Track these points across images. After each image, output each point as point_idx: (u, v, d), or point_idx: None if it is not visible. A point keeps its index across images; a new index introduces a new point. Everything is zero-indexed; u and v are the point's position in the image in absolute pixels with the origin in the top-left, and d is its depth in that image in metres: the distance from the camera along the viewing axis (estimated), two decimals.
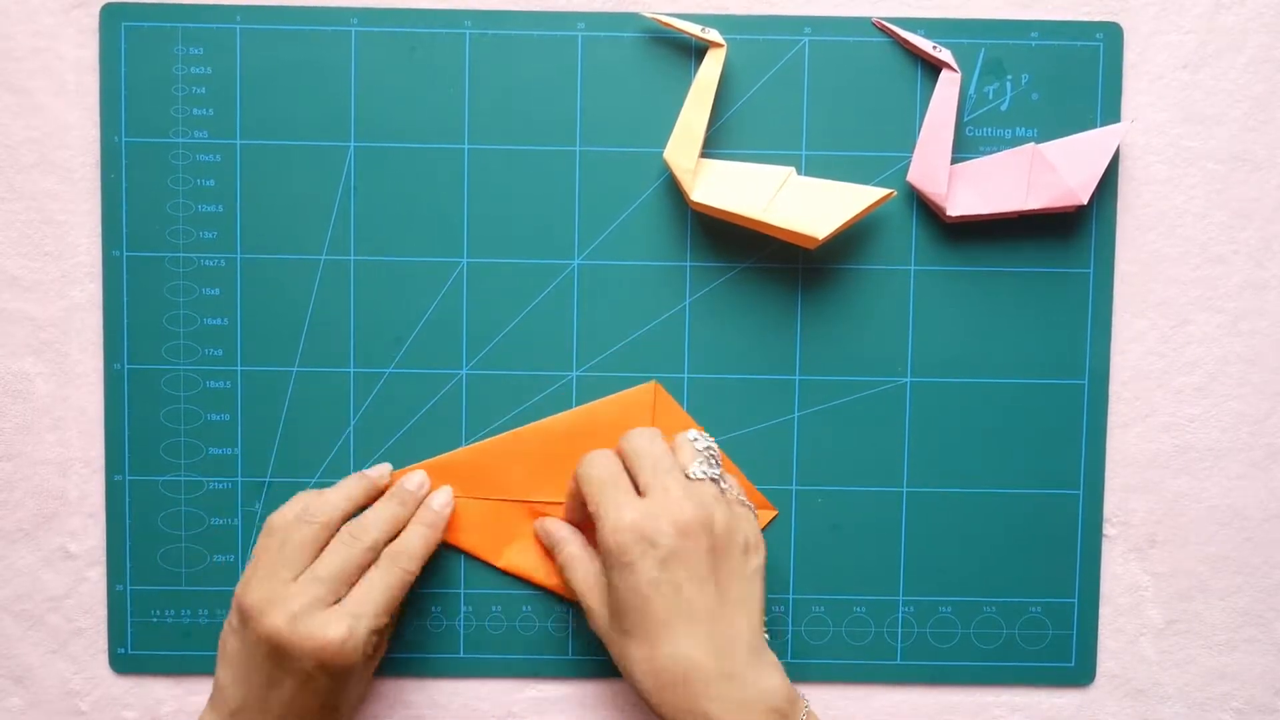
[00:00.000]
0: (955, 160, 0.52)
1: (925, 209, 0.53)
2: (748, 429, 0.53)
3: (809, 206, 0.50)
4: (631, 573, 0.45)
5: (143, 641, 0.53)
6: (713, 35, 0.51)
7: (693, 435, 0.49)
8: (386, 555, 0.49)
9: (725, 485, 0.48)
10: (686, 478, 0.47)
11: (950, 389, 0.53)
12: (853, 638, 0.54)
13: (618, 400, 0.53)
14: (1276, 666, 0.55)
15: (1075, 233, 0.53)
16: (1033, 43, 0.52)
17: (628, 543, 0.45)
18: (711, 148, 0.52)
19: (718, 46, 0.51)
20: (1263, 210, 0.53)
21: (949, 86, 0.51)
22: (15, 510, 0.53)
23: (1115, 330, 0.53)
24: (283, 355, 0.53)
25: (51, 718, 0.54)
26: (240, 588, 0.48)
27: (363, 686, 0.52)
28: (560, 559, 0.51)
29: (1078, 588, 0.54)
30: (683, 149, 0.50)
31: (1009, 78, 0.52)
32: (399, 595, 0.49)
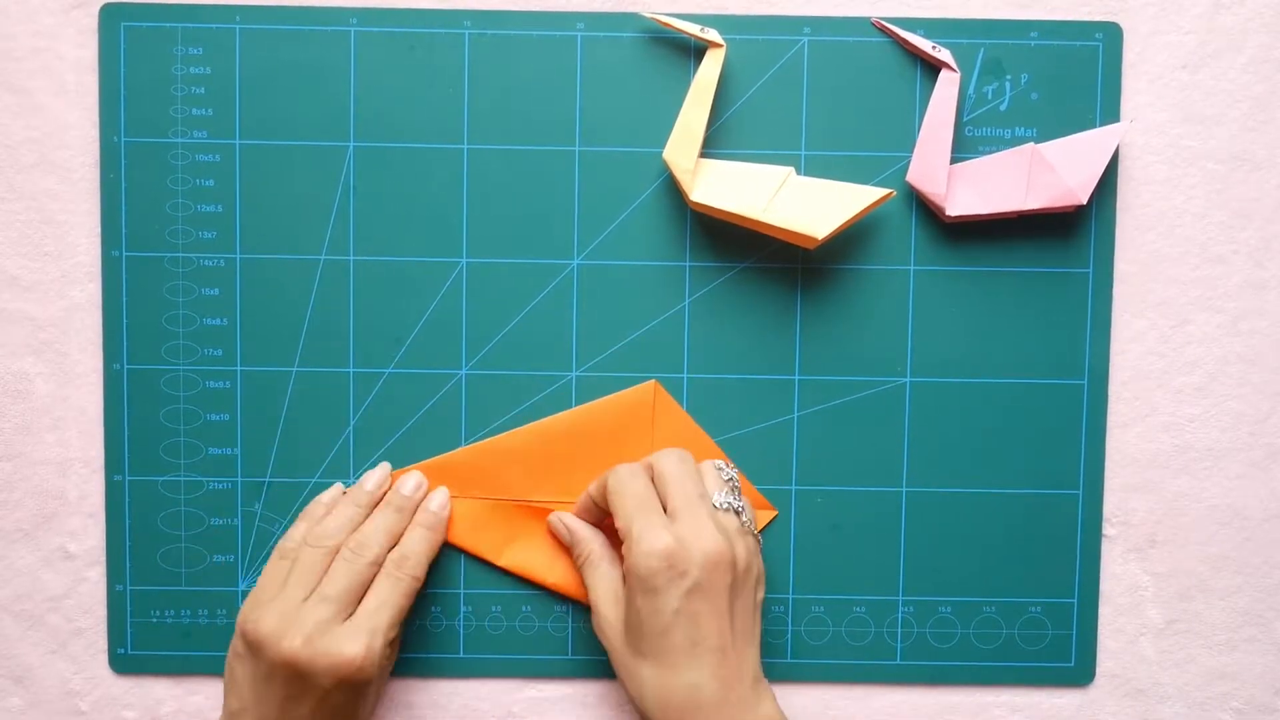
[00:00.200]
0: (955, 160, 0.52)
1: (925, 209, 0.53)
2: (748, 429, 0.53)
3: (808, 206, 0.50)
4: (657, 597, 0.46)
5: (142, 641, 0.53)
6: (712, 35, 0.51)
7: (719, 464, 0.50)
8: (391, 564, 0.49)
9: (745, 518, 0.49)
10: (713, 506, 0.48)
11: (950, 389, 0.53)
12: (852, 638, 0.54)
13: (618, 400, 0.53)
14: (1276, 666, 0.55)
15: (1075, 233, 0.53)
16: (1032, 43, 0.52)
17: (658, 569, 0.46)
18: (711, 148, 0.52)
19: (717, 46, 0.51)
20: (1263, 210, 0.53)
21: (948, 86, 0.51)
22: (15, 510, 0.53)
23: (1115, 330, 0.53)
24: (282, 355, 0.53)
25: (51, 718, 0.54)
26: (246, 615, 0.48)
27: (377, 695, 0.52)
28: (581, 557, 0.51)
29: (1077, 588, 0.54)
30: (682, 149, 0.50)
31: (1008, 78, 0.52)
32: (408, 603, 0.49)
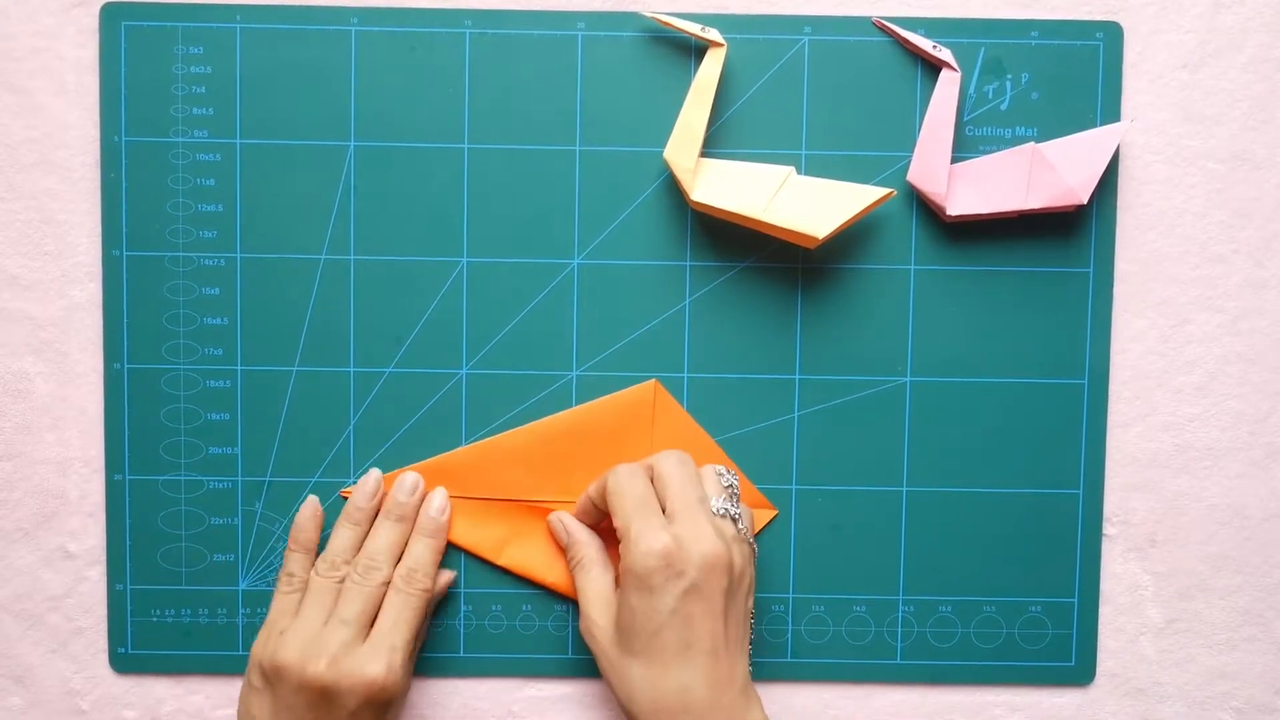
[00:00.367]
0: (955, 160, 0.52)
1: (925, 208, 0.53)
2: (748, 429, 0.53)
3: (809, 206, 0.50)
4: (652, 596, 0.46)
5: (143, 641, 0.53)
6: (713, 35, 0.51)
7: (720, 470, 0.50)
8: (400, 579, 0.50)
9: (741, 526, 0.49)
10: (711, 511, 0.48)
11: (950, 389, 0.53)
12: (853, 637, 0.54)
13: (618, 400, 0.53)
14: (1276, 666, 0.55)
15: (1075, 232, 0.53)
16: (1033, 42, 0.52)
17: (655, 568, 0.46)
18: (711, 147, 0.52)
19: (718, 46, 0.51)
20: (1263, 210, 0.53)
21: (949, 86, 0.51)
22: (15, 510, 0.53)
23: (1115, 330, 0.53)
24: (283, 355, 0.53)
25: (51, 717, 0.54)
26: (263, 648, 0.49)
27: (400, 709, 0.52)
28: (575, 559, 0.51)
29: (1078, 587, 0.54)
30: (683, 148, 0.50)
31: (1009, 77, 0.52)
32: (422, 615, 0.50)
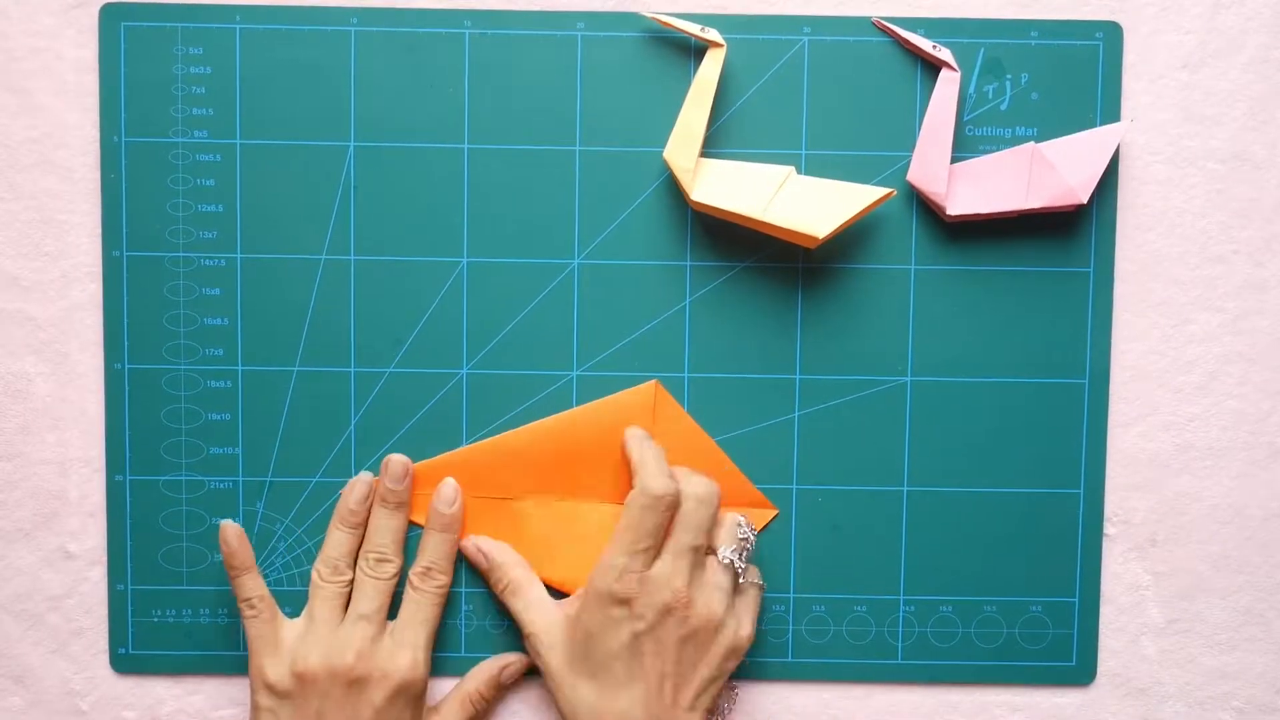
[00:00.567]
0: (955, 160, 0.52)
1: (925, 208, 0.53)
2: (748, 429, 0.53)
3: (809, 206, 0.50)
4: (610, 625, 0.48)
5: (143, 641, 0.53)
6: (712, 35, 0.51)
7: (740, 520, 0.50)
8: (416, 577, 0.51)
9: (743, 580, 0.50)
10: (714, 554, 0.49)
11: (950, 388, 0.53)
12: (853, 637, 0.54)
13: (618, 400, 0.53)
14: (1277, 666, 0.55)
15: (1075, 232, 0.53)
16: (1032, 42, 0.52)
17: (617, 603, 0.48)
18: (711, 147, 0.52)
19: (717, 46, 0.51)
20: (1263, 210, 0.53)
21: (949, 86, 0.51)
22: (15, 510, 0.53)
23: (1115, 329, 0.53)
24: (283, 355, 0.53)
25: (52, 718, 0.54)
26: (271, 667, 0.50)
27: (424, 700, 0.52)
28: (502, 584, 0.52)
29: (1078, 587, 0.54)
30: (682, 148, 0.50)
31: (1009, 77, 0.52)
32: (441, 612, 0.52)
